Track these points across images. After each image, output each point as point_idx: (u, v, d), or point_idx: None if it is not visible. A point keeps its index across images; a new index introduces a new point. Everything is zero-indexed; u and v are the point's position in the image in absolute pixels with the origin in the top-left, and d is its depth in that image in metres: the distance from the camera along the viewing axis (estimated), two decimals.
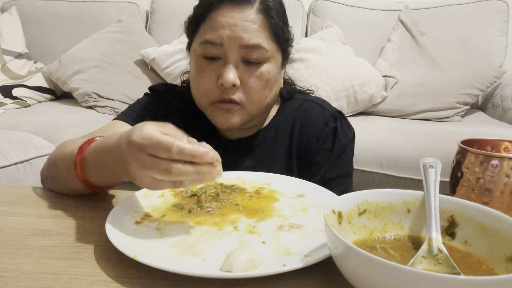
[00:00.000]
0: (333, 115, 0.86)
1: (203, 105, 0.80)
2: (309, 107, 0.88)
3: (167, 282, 0.43)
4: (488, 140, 0.66)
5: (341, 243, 0.38)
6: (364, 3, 2.31)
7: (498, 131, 1.80)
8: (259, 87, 0.77)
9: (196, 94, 0.80)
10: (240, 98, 0.76)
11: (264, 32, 0.75)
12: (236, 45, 0.74)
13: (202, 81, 0.77)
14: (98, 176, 0.60)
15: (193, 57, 0.80)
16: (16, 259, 0.48)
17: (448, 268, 0.42)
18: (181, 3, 2.35)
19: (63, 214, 0.61)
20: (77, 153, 0.60)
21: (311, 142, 0.85)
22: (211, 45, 0.74)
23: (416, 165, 1.56)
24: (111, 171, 0.56)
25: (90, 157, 0.59)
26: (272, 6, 0.77)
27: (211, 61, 0.76)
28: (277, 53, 0.79)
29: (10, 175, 1.36)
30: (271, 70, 0.77)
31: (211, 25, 0.75)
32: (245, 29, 0.73)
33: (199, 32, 0.78)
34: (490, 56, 2.20)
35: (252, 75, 0.76)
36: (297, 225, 0.55)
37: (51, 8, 2.41)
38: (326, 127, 0.84)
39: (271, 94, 0.80)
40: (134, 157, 0.49)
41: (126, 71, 2.14)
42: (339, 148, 0.84)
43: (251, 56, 0.75)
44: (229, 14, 0.73)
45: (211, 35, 0.74)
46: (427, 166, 0.52)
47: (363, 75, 2.00)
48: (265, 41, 0.75)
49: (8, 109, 2.00)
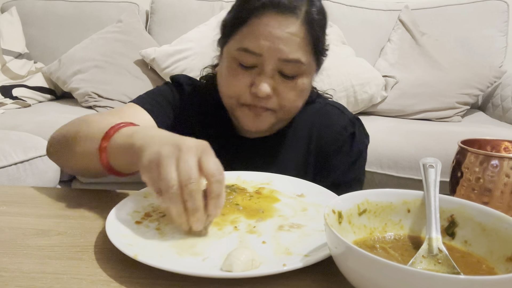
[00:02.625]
0: (352, 121, 0.86)
1: (231, 105, 0.79)
2: (328, 111, 0.88)
3: (167, 282, 0.43)
4: (488, 140, 0.66)
5: (341, 243, 0.38)
6: (364, 3, 2.31)
7: (498, 131, 1.80)
8: (293, 97, 0.76)
9: (224, 94, 0.79)
10: (272, 106, 0.76)
11: (305, 46, 0.73)
12: (275, 57, 0.72)
13: (234, 84, 0.75)
14: (121, 163, 0.60)
15: (226, 58, 0.77)
16: (16, 259, 0.48)
17: (448, 268, 0.42)
18: (181, 3, 2.35)
19: (63, 214, 0.61)
20: (104, 138, 0.60)
21: (329, 145, 0.85)
22: (249, 54, 0.72)
23: (416, 165, 1.56)
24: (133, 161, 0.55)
25: (117, 144, 0.58)
26: (316, 18, 0.74)
27: (246, 68, 0.74)
28: (312, 63, 0.78)
29: (10, 175, 1.36)
30: (306, 82, 0.77)
31: (251, 32, 0.72)
32: (287, 42, 0.71)
33: (237, 35, 0.74)
34: (490, 56, 2.20)
35: (287, 86, 0.75)
36: (297, 225, 0.55)
37: (51, 8, 2.41)
38: (345, 131, 0.85)
39: (303, 102, 0.80)
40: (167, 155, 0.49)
41: (126, 71, 2.14)
42: (355, 153, 0.85)
43: (288, 70, 0.73)
44: (272, 23, 0.70)
45: (251, 44, 0.72)
46: (427, 166, 0.52)
47: (363, 75, 2.00)
48: (304, 55, 0.73)
49: (8, 109, 2.00)
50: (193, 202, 0.48)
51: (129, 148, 0.56)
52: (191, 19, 2.29)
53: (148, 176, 0.51)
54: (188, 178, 0.47)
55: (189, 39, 2.13)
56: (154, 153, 0.50)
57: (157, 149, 0.50)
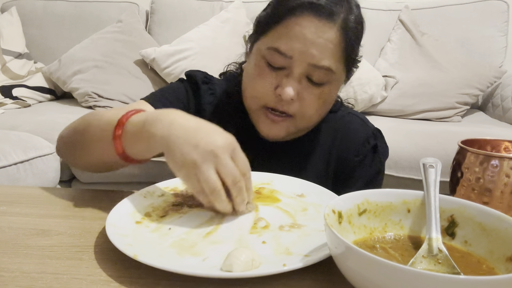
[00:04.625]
0: (374, 133, 0.85)
1: (252, 107, 0.77)
2: (351, 121, 0.86)
3: (167, 282, 0.43)
4: (488, 140, 0.66)
5: (341, 243, 0.38)
6: (364, 3, 2.29)
7: (498, 131, 1.80)
8: (316, 105, 0.74)
9: (248, 93, 0.77)
10: (294, 111, 0.73)
11: (337, 54, 0.70)
12: (305, 61, 0.69)
13: (259, 84, 0.73)
14: (137, 150, 0.60)
15: (255, 55, 0.75)
16: (16, 259, 0.48)
17: (448, 268, 0.42)
18: (181, 3, 2.35)
19: (63, 214, 0.61)
20: (117, 126, 0.60)
21: (351, 157, 0.83)
22: (280, 54, 0.70)
23: (416, 165, 1.56)
24: (152, 149, 0.58)
25: (131, 131, 0.59)
26: (353, 26, 0.72)
27: (274, 69, 0.72)
28: (342, 73, 0.75)
29: (10, 175, 1.36)
30: (332, 91, 0.75)
31: (285, 33, 0.69)
32: (320, 47, 0.68)
33: (270, 33, 0.72)
34: (490, 56, 2.20)
35: (312, 93, 0.72)
36: (297, 225, 0.55)
37: (51, 8, 2.41)
38: (367, 143, 0.83)
39: (325, 111, 0.78)
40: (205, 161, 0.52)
41: (126, 71, 2.14)
42: (377, 166, 0.84)
43: (316, 76, 0.71)
44: (308, 26, 0.68)
45: (283, 44, 0.69)
46: (427, 166, 0.52)
47: (363, 75, 2.00)
48: (335, 63, 0.71)
49: (8, 109, 2.00)
50: (242, 196, 0.55)
51: (146, 136, 0.57)
52: (191, 19, 2.29)
53: (185, 177, 0.55)
54: (234, 179, 0.54)
55: (189, 39, 2.13)
56: (188, 158, 0.53)
57: (189, 153, 0.53)
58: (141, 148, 0.60)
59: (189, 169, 0.53)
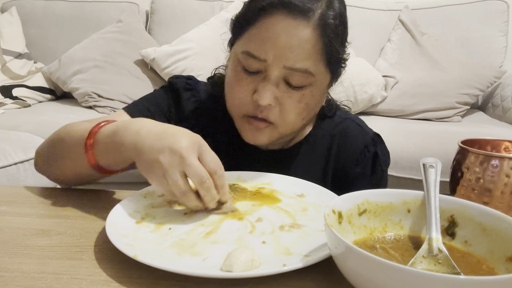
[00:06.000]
0: (373, 139, 0.81)
1: (234, 115, 0.74)
2: (349, 126, 0.82)
3: (167, 282, 0.43)
4: (488, 140, 0.66)
5: (341, 243, 0.37)
6: (364, 3, 2.31)
7: (498, 131, 1.80)
8: (297, 110, 0.69)
9: (229, 102, 0.73)
10: (274, 118, 0.69)
11: (315, 55, 0.65)
12: (280, 64, 0.65)
13: (237, 91, 0.70)
14: (109, 161, 0.61)
15: (232, 60, 0.72)
16: (16, 259, 0.48)
17: (448, 268, 0.42)
18: (181, 3, 2.35)
19: (63, 214, 0.61)
20: (88, 136, 0.60)
21: (350, 165, 0.80)
22: (254, 58, 0.66)
23: (416, 165, 1.56)
24: (123, 158, 0.58)
25: (102, 141, 0.59)
26: (331, 23, 0.66)
27: (250, 73, 0.68)
28: (325, 75, 0.70)
29: (10, 175, 1.36)
30: (314, 93, 0.70)
31: (257, 35, 0.66)
32: (294, 49, 0.64)
33: (244, 36, 0.68)
34: (490, 56, 2.20)
35: (292, 97, 0.68)
36: (297, 225, 0.55)
37: (51, 8, 2.41)
38: (367, 151, 0.79)
39: (309, 115, 0.74)
40: (170, 164, 0.52)
41: (126, 71, 2.14)
42: (379, 174, 0.81)
43: (294, 79, 0.66)
44: (281, 26, 0.64)
45: (255, 47, 0.66)
46: (427, 166, 0.52)
47: (363, 75, 2.00)
48: (314, 65, 0.66)
49: (8, 109, 2.00)
50: (210, 195, 0.55)
51: (116, 145, 0.58)
52: (191, 19, 2.29)
53: (154, 181, 0.55)
54: (200, 180, 0.53)
55: (189, 39, 2.13)
56: (155, 163, 0.53)
57: (156, 157, 0.53)
58: (113, 158, 0.60)
59: (158, 173, 0.53)
